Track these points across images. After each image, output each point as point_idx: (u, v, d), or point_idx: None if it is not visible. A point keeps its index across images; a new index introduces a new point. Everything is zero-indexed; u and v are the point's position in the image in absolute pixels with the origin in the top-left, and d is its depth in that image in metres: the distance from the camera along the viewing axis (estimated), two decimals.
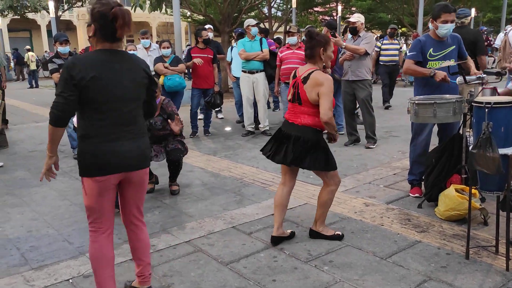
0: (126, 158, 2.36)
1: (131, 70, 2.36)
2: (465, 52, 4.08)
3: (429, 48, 3.98)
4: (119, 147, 2.33)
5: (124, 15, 2.24)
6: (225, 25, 13.37)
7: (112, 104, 2.30)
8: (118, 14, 2.22)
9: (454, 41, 4.04)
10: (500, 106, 2.72)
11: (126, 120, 2.36)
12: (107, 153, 2.31)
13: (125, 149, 2.35)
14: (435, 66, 3.93)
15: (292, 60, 6.59)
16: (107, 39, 2.29)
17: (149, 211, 4.12)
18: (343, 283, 2.77)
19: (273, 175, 5.11)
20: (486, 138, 2.66)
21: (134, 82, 2.36)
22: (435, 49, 3.97)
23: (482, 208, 3.54)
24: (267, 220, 3.80)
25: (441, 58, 3.96)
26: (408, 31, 24.18)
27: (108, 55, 2.31)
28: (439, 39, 4.00)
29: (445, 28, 3.90)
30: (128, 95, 2.34)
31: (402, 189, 4.47)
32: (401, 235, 3.42)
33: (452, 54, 3.99)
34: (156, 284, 2.83)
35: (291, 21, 17.22)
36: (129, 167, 2.40)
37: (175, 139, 4.60)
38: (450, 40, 4.03)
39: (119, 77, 2.30)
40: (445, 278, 2.77)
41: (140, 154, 2.43)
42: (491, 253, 3.06)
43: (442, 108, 3.58)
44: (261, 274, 2.90)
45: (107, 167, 2.32)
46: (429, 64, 3.97)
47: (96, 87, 2.24)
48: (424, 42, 4.01)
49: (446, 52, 3.97)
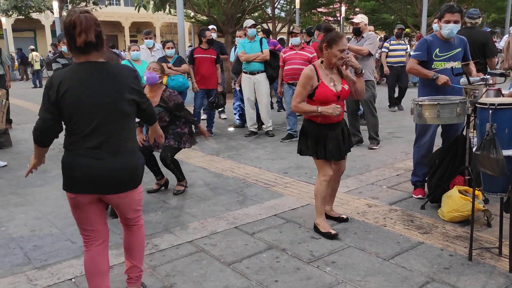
0: (96, 180, 2.19)
1: (110, 83, 2.19)
2: (469, 56, 4.06)
3: (435, 48, 3.97)
4: (91, 167, 2.17)
5: (81, 21, 2.08)
6: (228, 26, 13.38)
7: (85, 120, 2.16)
8: (76, 21, 2.08)
9: (460, 44, 4.02)
10: (504, 108, 2.71)
11: (104, 138, 2.18)
12: (77, 171, 2.18)
13: (98, 169, 2.18)
14: (440, 66, 3.92)
15: (295, 61, 6.59)
16: (76, 50, 2.15)
17: (152, 211, 4.13)
18: (345, 284, 2.76)
19: (276, 175, 5.11)
20: (490, 139, 2.65)
21: (113, 97, 2.18)
22: (442, 50, 3.96)
23: (486, 210, 3.52)
24: (269, 220, 3.80)
25: (447, 59, 3.95)
26: (411, 32, 24.13)
27: (83, 69, 2.17)
28: (446, 39, 3.99)
29: (447, 28, 3.89)
30: (104, 110, 2.17)
31: (405, 190, 4.46)
32: (404, 236, 3.41)
33: (457, 56, 3.98)
34: (159, 283, 2.83)
35: (295, 21, 17.23)
36: (101, 190, 2.23)
37: (174, 131, 4.51)
38: (457, 42, 4.01)
39: (94, 91, 2.15)
40: (448, 280, 2.76)
41: (118, 176, 2.22)
42: (494, 254, 3.05)
43: (445, 109, 3.57)
44: (263, 275, 2.90)
45: (75, 186, 2.21)
46: (435, 64, 3.96)
47: (68, 103, 2.13)
48: (431, 42, 4.00)
49: (452, 54, 3.96)
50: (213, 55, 7.22)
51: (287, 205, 4.15)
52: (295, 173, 5.19)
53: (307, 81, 3.35)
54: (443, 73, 3.90)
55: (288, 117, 6.96)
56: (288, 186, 4.72)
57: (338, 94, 3.38)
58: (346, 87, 3.43)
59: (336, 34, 3.31)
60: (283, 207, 4.10)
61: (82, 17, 2.10)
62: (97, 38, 2.15)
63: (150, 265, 3.08)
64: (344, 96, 3.43)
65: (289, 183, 4.82)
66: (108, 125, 2.19)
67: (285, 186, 4.73)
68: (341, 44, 3.27)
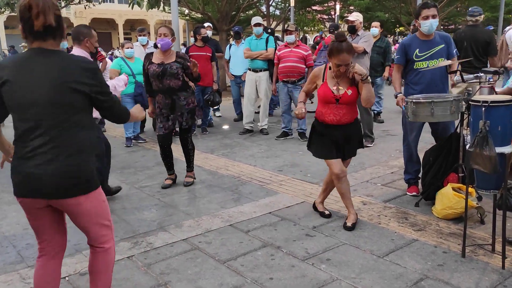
0: (38, 183, 1.95)
1: (58, 73, 1.93)
2: (453, 53, 4.06)
3: (414, 49, 4.00)
4: (33, 167, 1.94)
5: (38, 3, 1.87)
6: (223, 23, 13.34)
7: (25, 113, 1.93)
8: (31, 3, 1.87)
9: (442, 40, 4.03)
10: (497, 105, 2.72)
11: (45, 137, 1.93)
12: (21, 172, 1.97)
13: (39, 170, 1.93)
14: (423, 66, 3.96)
15: (290, 59, 6.58)
16: (32, 36, 1.93)
17: (146, 209, 4.11)
18: (340, 281, 2.77)
19: (270, 173, 5.11)
20: (483, 136, 2.67)
21: (58, 87, 1.92)
22: (421, 50, 3.98)
23: (479, 207, 3.54)
24: (264, 218, 3.80)
25: (428, 58, 3.96)
26: (405, 30, 24.20)
27: (30, 55, 1.95)
28: (425, 38, 4.01)
29: (426, 24, 3.91)
30: (45, 103, 1.91)
31: (399, 187, 4.47)
32: (398, 233, 3.43)
33: (441, 53, 3.97)
34: (153, 281, 2.82)
35: (289, 19, 17.21)
36: (44, 194, 1.98)
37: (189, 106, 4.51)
38: (438, 39, 4.02)
39: (36, 80, 1.91)
40: (442, 277, 2.78)
41: (60, 178, 1.95)
42: (487, 251, 3.07)
43: (439, 107, 3.58)
44: (258, 272, 2.90)
45: (19, 189, 2.02)
46: (416, 65, 4.00)
47: (8, 92, 1.93)
48: (409, 44, 4.05)
49: (433, 52, 3.96)
50: (208, 52, 7.20)
51: (282, 202, 4.15)
52: (290, 171, 5.19)
53: (312, 78, 3.60)
54: (433, 72, 3.92)
55: (283, 115, 6.96)
56: (283, 184, 4.72)
57: (338, 97, 3.43)
58: (350, 92, 3.43)
59: (335, 48, 3.31)
60: (278, 204, 4.10)
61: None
62: (56, 23, 1.93)
63: (144, 263, 3.06)
64: (345, 100, 3.43)
65: (284, 181, 4.82)
66: (49, 123, 1.93)
67: (280, 184, 4.73)
68: (338, 59, 3.31)
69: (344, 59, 3.30)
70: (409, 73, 4.10)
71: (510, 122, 2.75)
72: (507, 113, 2.74)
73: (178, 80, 4.45)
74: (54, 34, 1.96)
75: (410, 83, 4.11)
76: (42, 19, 1.88)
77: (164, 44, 4.43)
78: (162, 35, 4.43)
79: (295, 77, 6.59)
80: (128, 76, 6.46)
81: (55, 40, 1.97)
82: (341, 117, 3.45)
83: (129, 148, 6.62)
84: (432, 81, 3.97)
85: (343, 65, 3.32)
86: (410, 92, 4.04)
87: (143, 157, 6.07)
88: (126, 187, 4.75)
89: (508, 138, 2.77)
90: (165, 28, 4.50)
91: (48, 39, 1.95)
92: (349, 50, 3.31)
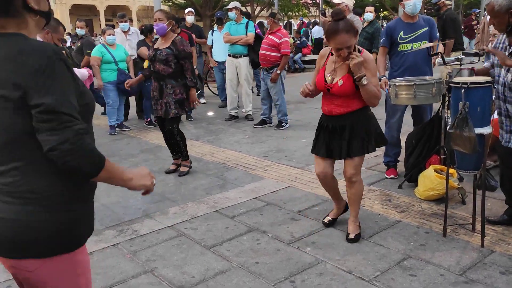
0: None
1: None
2: (436, 36, 4.19)
3: (399, 31, 4.07)
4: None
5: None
6: (206, 9, 13.21)
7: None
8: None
9: (426, 23, 4.12)
10: (476, 87, 2.76)
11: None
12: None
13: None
14: (407, 48, 4.05)
15: (264, 46, 6.48)
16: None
17: (132, 196, 4.09)
18: (325, 263, 2.81)
19: (256, 159, 5.12)
20: (462, 118, 2.70)
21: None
22: (406, 32, 4.06)
23: (460, 187, 3.61)
24: (249, 203, 3.82)
25: (412, 40, 4.05)
26: (389, 15, 24.22)
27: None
28: (410, 20, 4.08)
29: (410, 4, 4.00)
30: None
31: (383, 170, 4.52)
32: (382, 215, 3.48)
33: (424, 36, 4.07)
34: (139, 268, 2.83)
35: (274, 4, 17.07)
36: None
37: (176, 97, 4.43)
38: (422, 22, 4.11)
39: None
40: (424, 256, 2.84)
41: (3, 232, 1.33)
42: (468, 230, 3.14)
43: (421, 90, 3.62)
44: (244, 257, 2.93)
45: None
46: (401, 47, 4.08)
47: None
48: (394, 27, 4.12)
49: (417, 34, 4.06)
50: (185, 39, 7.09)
51: (267, 188, 4.18)
52: (275, 156, 5.21)
53: (318, 60, 3.17)
54: (416, 54, 3.98)
55: (262, 101, 6.85)
56: (268, 169, 4.73)
57: (329, 87, 3.00)
58: (341, 83, 2.95)
59: (331, 29, 2.84)
60: (263, 190, 4.12)
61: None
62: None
63: (130, 250, 3.06)
64: (335, 91, 2.98)
65: (269, 166, 4.84)
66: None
67: (265, 169, 4.75)
68: (335, 42, 2.83)
69: (343, 41, 2.80)
70: (393, 55, 4.18)
71: (489, 103, 2.80)
72: (486, 94, 2.77)
73: (168, 67, 4.39)
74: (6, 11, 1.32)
75: (394, 65, 4.18)
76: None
77: (159, 29, 4.38)
78: (158, 20, 4.38)
79: (266, 65, 6.48)
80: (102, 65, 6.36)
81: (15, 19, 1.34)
82: (333, 108, 3.03)
83: (113, 136, 6.55)
84: (416, 63, 4.05)
85: (343, 48, 2.83)
86: (394, 75, 4.10)
87: (127, 145, 6.03)
88: None
89: (487, 119, 2.81)
90: (160, 13, 4.46)
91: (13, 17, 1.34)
92: (348, 29, 2.80)
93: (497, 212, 3.38)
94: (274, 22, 6.51)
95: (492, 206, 3.52)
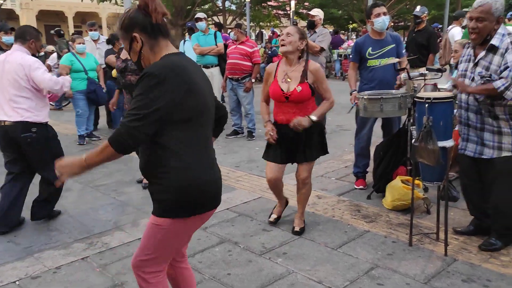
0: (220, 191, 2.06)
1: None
2: (402, 52, 4.38)
3: (367, 47, 4.23)
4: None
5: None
6: (178, 18, 13.20)
7: None
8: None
9: (393, 40, 4.30)
10: (439, 102, 2.88)
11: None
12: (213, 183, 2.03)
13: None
14: (375, 64, 4.20)
15: (234, 55, 6.54)
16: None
17: (101, 208, 4.03)
18: (296, 274, 2.85)
19: (228, 169, 5.14)
20: (427, 131, 2.82)
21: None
22: (374, 48, 4.22)
23: (425, 198, 3.74)
24: (222, 214, 3.83)
25: (379, 56, 4.21)
26: (358, 27, 24.84)
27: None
28: (378, 37, 4.25)
29: (379, 21, 4.16)
30: None
31: (353, 181, 4.62)
32: (351, 225, 3.56)
33: (391, 52, 4.23)
34: (109, 282, 2.79)
35: (245, 14, 17.23)
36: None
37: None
38: (390, 39, 4.28)
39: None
40: (391, 265, 2.92)
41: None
42: (432, 240, 3.25)
43: (388, 103, 3.75)
44: (216, 268, 2.93)
45: (211, 203, 2.09)
46: (369, 63, 4.23)
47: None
48: (362, 43, 4.28)
49: (384, 50, 4.22)
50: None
51: (239, 198, 4.20)
52: (247, 167, 5.24)
53: (266, 77, 3.36)
54: (385, 69, 4.12)
55: (231, 113, 6.81)
56: (240, 180, 4.76)
57: (287, 95, 3.13)
58: (299, 89, 3.11)
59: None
60: (235, 200, 4.15)
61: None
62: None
63: (100, 264, 3.02)
64: (294, 98, 3.13)
65: (241, 177, 4.86)
66: None
67: (237, 180, 4.77)
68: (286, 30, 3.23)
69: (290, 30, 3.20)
70: (362, 70, 4.32)
71: (451, 117, 2.93)
72: (448, 109, 2.91)
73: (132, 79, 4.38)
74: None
75: (364, 79, 4.33)
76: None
77: None
78: None
79: (238, 75, 6.53)
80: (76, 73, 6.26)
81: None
82: (290, 116, 3.15)
83: (82, 146, 6.43)
84: (384, 78, 4.20)
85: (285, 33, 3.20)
86: (364, 88, 4.23)
87: None
88: (79, 186, 4.63)
89: (449, 133, 2.94)
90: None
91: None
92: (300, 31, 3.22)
93: (460, 221, 3.52)
94: (240, 33, 6.60)
95: (455, 215, 3.66)
